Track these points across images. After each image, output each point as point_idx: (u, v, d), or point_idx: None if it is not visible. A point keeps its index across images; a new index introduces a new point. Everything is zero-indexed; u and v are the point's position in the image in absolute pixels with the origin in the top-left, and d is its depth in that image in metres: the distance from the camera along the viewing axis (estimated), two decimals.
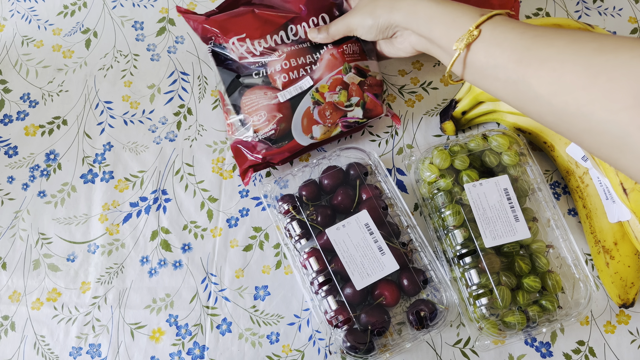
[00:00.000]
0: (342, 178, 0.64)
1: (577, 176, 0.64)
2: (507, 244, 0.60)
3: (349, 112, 0.64)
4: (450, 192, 0.62)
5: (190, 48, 0.74)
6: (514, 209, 0.60)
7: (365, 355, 0.57)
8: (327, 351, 0.62)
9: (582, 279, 0.60)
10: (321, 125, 0.63)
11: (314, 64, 0.64)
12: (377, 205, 0.61)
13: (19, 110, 0.71)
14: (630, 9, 0.77)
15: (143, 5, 0.76)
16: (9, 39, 0.74)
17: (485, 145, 0.64)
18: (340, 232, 0.60)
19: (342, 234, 0.59)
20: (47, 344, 0.62)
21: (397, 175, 0.69)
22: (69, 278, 0.64)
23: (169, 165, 0.69)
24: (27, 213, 0.67)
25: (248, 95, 0.63)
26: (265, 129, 0.63)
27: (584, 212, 0.64)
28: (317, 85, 0.64)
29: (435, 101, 0.72)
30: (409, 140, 0.70)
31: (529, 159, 0.64)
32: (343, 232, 0.59)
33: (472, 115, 0.68)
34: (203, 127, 0.70)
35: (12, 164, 0.68)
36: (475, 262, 0.59)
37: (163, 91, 0.72)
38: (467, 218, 0.60)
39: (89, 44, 0.74)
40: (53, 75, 0.72)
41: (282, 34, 0.65)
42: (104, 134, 0.70)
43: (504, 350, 0.61)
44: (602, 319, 0.63)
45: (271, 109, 0.63)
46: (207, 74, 0.73)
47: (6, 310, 0.63)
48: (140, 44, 0.74)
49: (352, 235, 0.59)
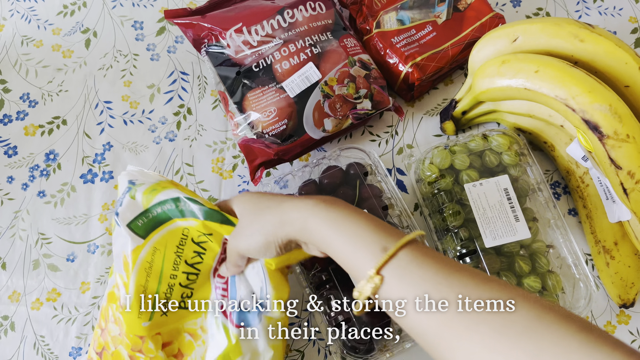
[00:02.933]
0: (342, 178, 0.63)
1: (578, 176, 0.64)
2: (507, 244, 0.60)
3: (357, 104, 0.64)
4: (450, 192, 0.62)
5: (190, 48, 0.74)
6: (514, 209, 0.60)
7: (365, 355, 0.57)
8: (327, 351, 0.61)
9: (583, 279, 0.60)
10: (332, 118, 0.63)
11: (313, 46, 0.65)
12: (377, 205, 0.61)
13: (18, 110, 0.71)
14: (631, 8, 0.77)
15: (143, 5, 0.76)
16: (8, 39, 0.74)
17: (486, 145, 0.64)
18: None
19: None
20: (46, 344, 0.62)
21: (397, 175, 0.69)
22: (69, 278, 0.64)
23: (168, 165, 0.69)
24: (27, 213, 0.66)
25: (254, 92, 0.63)
26: (275, 125, 0.62)
27: (584, 212, 0.64)
28: (326, 79, 0.64)
29: (435, 101, 0.72)
30: (409, 140, 0.70)
31: (529, 159, 0.64)
32: None
33: (472, 115, 0.68)
34: (203, 127, 0.70)
35: (12, 164, 0.68)
36: (475, 262, 0.59)
37: (163, 91, 0.72)
38: (467, 218, 0.60)
39: (89, 43, 0.74)
40: (53, 75, 0.72)
41: (278, 18, 0.65)
42: (103, 134, 0.70)
43: None
44: (602, 319, 0.63)
45: (280, 105, 0.63)
46: (206, 74, 0.73)
47: (6, 310, 0.63)
48: (140, 43, 0.74)
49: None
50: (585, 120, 0.54)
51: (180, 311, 0.52)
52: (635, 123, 0.54)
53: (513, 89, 0.59)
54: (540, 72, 0.57)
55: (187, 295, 0.53)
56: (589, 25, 0.60)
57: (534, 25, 0.60)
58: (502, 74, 0.59)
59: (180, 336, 0.53)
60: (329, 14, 0.68)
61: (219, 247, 0.54)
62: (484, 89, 0.61)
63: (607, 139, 0.53)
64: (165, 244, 0.52)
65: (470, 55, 0.65)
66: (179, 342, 0.52)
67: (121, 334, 0.51)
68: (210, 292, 0.54)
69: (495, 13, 0.70)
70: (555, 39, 0.59)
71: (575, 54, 0.59)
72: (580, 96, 0.54)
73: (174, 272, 0.52)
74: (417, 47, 0.67)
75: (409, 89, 0.69)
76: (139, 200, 0.52)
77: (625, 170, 0.54)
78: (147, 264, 0.51)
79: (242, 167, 0.69)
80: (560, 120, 0.61)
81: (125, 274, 0.51)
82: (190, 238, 0.53)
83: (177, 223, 0.53)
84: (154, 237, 0.52)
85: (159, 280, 0.52)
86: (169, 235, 0.53)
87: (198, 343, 0.53)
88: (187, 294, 0.53)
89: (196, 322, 0.53)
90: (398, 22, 0.69)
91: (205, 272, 0.54)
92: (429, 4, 0.70)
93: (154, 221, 0.53)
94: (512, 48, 0.61)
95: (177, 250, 0.53)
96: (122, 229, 0.51)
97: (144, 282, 0.51)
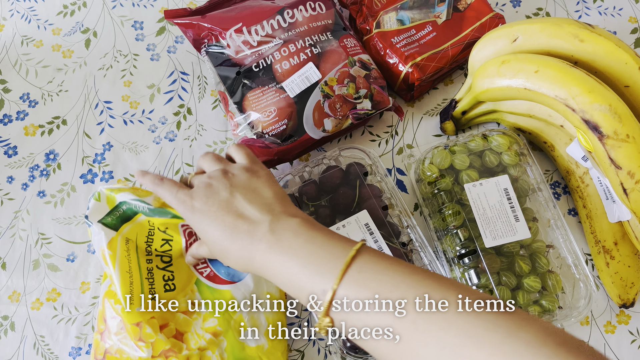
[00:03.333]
0: (342, 178, 0.63)
1: (578, 176, 0.64)
2: (507, 244, 0.60)
3: (357, 104, 0.64)
4: (450, 192, 0.62)
5: (190, 48, 0.74)
6: (514, 209, 0.60)
7: (365, 356, 0.57)
8: (327, 351, 0.61)
9: (582, 279, 0.60)
10: (332, 118, 0.63)
11: (313, 46, 0.65)
12: (377, 205, 0.61)
13: (18, 110, 0.71)
14: (631, 8, 0.77)
15: (143, 5, 0.76)
16: (8, 39, 0.74)
17: (485, 145, 0.64)
18: (340, 233, 0.59)
19: (341, 234, 0.59)
20: (46, 344, 0.62)
21: (397, 175, 0.69)
22: (69, 278, 0.64)
23: (168, 165, 0.69)
24: (27, 213, 0.66)
25: (254, 92, 0.63)
26: (275, 125, 0.63)
27: (584, 212, 0.64)
28: (326, 79, 0.64)
29: (435, 101, 0.72)
30: (409, 140, 0.70)
31: (529, 159, 0.64)
32: (343, 233, 0.59)
33: (472, 115, 0.68)
34: (203, 127, 0.70)
35: (12, 164, 0.68)
36: (475, 262, 0.59)
37: (163, 91, 0.72)
38: (467, 218, 0.60)
39: (89, 43, 0.74)
40: (53, 75, 0.72)
41: (278, 18, 0.65)
42: (103, 134, 0.70)
43: None
44: (602, 319, 0.63)
45: (280, 105, 0.63)
46: (206, 74, 0.73)
47: (6, 310, 0.63)
48: (140, 43, 0.74)
49: (352, 236, 0.59)
50: (585, 120, 0.54)
51: (167, 293, 0.55)
52: (635, 123, 0.54)
53: (513, 89, 0.59)
54: (540, 72, 0.57)
55: (168, 277, 0.55)
56: (589, 25, 0.60)
57: (533, 25, 0.60)
58: (502, 74, 0.59)
59: (174, 317, 0.54)
60: (329, 14, 0.68)
61: (180, 235, 0.57)
62: (484, 89, 0.62)
63: (607, 139, 0.53)
64: (135, 234, 0.56)
65: (470, 55, 0.65)
66: (175, 322, 0.54)
67: (124, 328, 0.52)
68: (191, 271, 0.57)
69: (495, 13, 0.70)
70: (555, 39, 0.59)
71: (575, 54, 0.59)
72: (580, 96, 0.54)
73: (149, 257, 0.55)
74: (417, 47, 0.67)
75: (409, 89, 0.69)
76: (103, 202, 0.56)
77: (625, 170, 0.54)
78: (125, 252, 0.54)
79: None
80: (560, 120, 0.61)
81: (112, 264, 0.53)
82: (156, 227, 0.57)
83: (142, 217, 0.57)
84: (125, 229, 0.55)
85: (138, 265, 0.54)
86: (137, 227, 0.56)
87: (194, 317, 0.55)
88: (168, 277, 0.55)
89: (186, 301, 0.55)
90: (398, 22, 0.69)
91: (177, 253, 0.57)
92: (429, 4, 0.70)
93: (123, 216, 0.56)
94: (512, 48, 0.61)
95: (147, 239, 0.56)
96: (94, 226, 0.54)
97: (128, 268, 0.54)
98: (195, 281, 0.56)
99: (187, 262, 0.57)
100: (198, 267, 0.57)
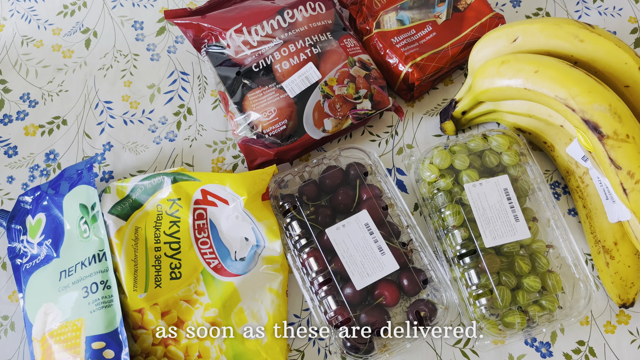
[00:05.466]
0: (342, 178, 0.64)
1: (577, 176, 0.64)
2: (507, 244, 0.60)
3: (357, 104, 0.64)
4: (450, 192, 0.62)
5: (190, 48, 0.74)
6: (514, 209, 0.60)
7: (365, 355, 0.57)
8: (327, 351, 0.62)
9: (582, 279, 0.60)
10: (332, 118, 0.63)
11: (313, 46, 0.65)
12: (377, 205, 0.61)
13: (18, 110, 0.71)
14: (630, 8, 0.77)
15: (143, 5, 0.76)
16: (8, 39, 0.74)
17: (485, 145, 0.64)
18: (340, 232, 0.59)
19: (342, 234, 0.59)
20: None
21: (397, 175, 0.69)
22: None
23: (168, 165, 0.69)
24: None
25: (254, 93, 0.63)
26: (275, 125, 0.63)
27: (584, 212, 0.64)
28: (326, 79, 0.64)
29: (435, 101, 0.72)
30: (409, 140, 0.70)
31: (529, 159, 0.64)
32: (343, 232, 0.59)
33: (472, 115, 0.68)
34: (203, 127, 0.70)
35: (12, 164, 0.68)
36: (475, 262, 0.59)
37: (163, 91, 0.72)
38: (467, 218, 0.60)
39: (89, 43, 0.74)
40: (53, 75, 0.72)
41: (278, 18, 0.65)
42: (103, 134, 0.70)
43: (504, 350, 0.61)
44: (602, 319, 0.63)
45: (280, 105, 0.63)
46: (207, 74, 0.73)
47: (6, 310, 0.63)
48: (140, 43, 0.74)
49: (352, 235, 0.59)
50: (585, 120, 0.54)
51: (173, 281, 0.57)
52: (635, 123, 0.54)
53: (513, 89, 0.59)
54: (540, 72, 0.57)
55: (175, 266, 0.58)
56: (588, 25, 0.60)
57: (533, 25, 0.61)
58: (502, 74, 0.59)
59: (177, 305, 0.57)
60: (328, 14, 0.68)
61: (189, 214, 0.60)
62: (483, 89, 0.62)
63: (607, 139, 0.53)
64: (144, 221, 0.59)
65: (470, 56, 0.65)
66: (177, 309, 0.57)
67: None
68: (198, 261, 0.59)
69: (495, 13, 0.70)
70: (555, 39, 0.59)
71: (575, 54, 0.59)
72: (580, 96, 0.54)
73: (157, 244, 0.58)
74: (417, 47, 0.67)
75: (409, 89, 0.69)
76: (113, 193, 0.60)
77: (625, 170, 0.54)
78: (132, 241, 0.57)
79: (242, 167, 0.69)
80: (560, 120, 0.61)
81: (118, 253, 0.56)
82: (164, 211, 0.60)
83: (152, 202, 0.60)
84: (134, 217, 0.59)
85: (146, 253, 0.57)
86: (146, 214, 0.60)
87: (196, 306, 0.57)
88: (175, 265, 0.58)
89: (190, 289, 0.58)
90: (398, 22, 0.69)
91: (185, 239, 0.59)
92: (428, 4, 0.70)
93: (134, 204, 0.60)
94: (511, 48, 0.61)
95: (156, 224, 0.59)
96: (103, 218, 0.58)
97: (133, 256, 0.57)
98: (202, 271, 0.58)
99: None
100: (206, 256, 0.59)
